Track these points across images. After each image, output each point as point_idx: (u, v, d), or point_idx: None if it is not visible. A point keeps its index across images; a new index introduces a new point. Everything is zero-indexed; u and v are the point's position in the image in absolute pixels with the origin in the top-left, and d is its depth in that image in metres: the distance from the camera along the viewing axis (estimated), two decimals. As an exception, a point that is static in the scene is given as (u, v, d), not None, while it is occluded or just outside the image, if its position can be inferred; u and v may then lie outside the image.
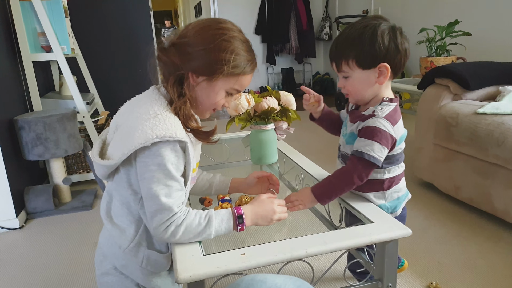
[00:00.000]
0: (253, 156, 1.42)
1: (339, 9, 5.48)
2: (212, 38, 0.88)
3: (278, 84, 6.01)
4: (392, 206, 1.06)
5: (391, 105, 0.99)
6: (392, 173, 1.04)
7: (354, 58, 0.96)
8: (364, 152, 0.94)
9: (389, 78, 0.98)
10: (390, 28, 0.95)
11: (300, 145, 2.40)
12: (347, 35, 0.98)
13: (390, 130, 0.95)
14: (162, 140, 0.82)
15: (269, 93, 1.35)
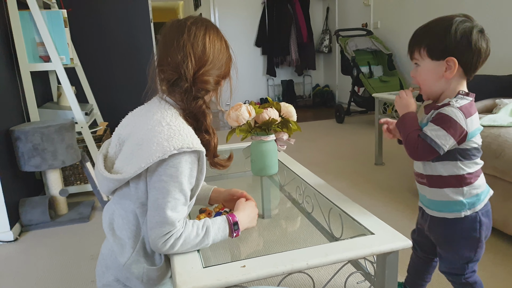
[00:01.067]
0: (254, 167, 1.41)
1: (339, 22, 5.53)
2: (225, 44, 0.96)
3: (279, 96, 6.03)
4: (470, 203, 1.03)
5: (467, 98, 0.98)
6: (470, 169, 1.01)
7: (426, 47, 0.98)
8: (428, 135, 0.95)
9: (460, 76, 0.98)
10: (468, 26, 0.95)
11: (300, 157, 2.40)
12: (426, 25, 1.00)
13: (461, 120, 0.94)
14: (179, 151, 0.82)
15: (270, 104, 1.36)
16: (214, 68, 0.95)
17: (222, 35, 0.99)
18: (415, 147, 0.98)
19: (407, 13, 4.10)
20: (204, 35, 0.93)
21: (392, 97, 2.60)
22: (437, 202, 1.06)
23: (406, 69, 4.20)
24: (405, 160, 2.86)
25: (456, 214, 1.04)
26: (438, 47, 0.96)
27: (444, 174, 1.02)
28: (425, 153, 0.98)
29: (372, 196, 2.26)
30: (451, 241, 1.08)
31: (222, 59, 0.96)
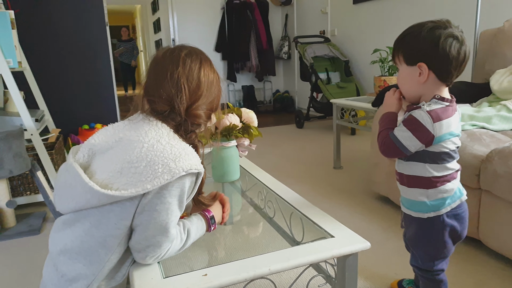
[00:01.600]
0: (215, 174, 1.41)
1: (298, 29, 5.64)
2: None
3: (239, 101, 6.04)
4: (434, 205, 1.05)
5: (441, 103, 1.00)
6: (437, 173, 1.03)
7: (402, 53, 1.03)
8: (395, 135, 1.01)
9: (436, 82, 1.00)
10: (437, 32, 0.97)
11: (261, 162, 2.41)
12: (404, 31, 1.04)
13: (427, 124, 0.97)
14: (187, 173, 0.81)
15: (230, 110, 1.36)
16: (207, 102, 0.94)
17: (215, 68, 0.99)
18: (382, 143, 1.04)
19: (362, 21, 4.25)
20: (199, 68, 0.92)
21: (348, 102, 2.67)
22: (406, 199, 1.11)
23: (363, 75, 4.35)
24: (362, 164, 2.95)
25: (419, 214, 1.08)
26: (411, 53, 1.01)
27: (412, 174, 1.06)
28: (389, 151, 1.03)
29: (331, 199, 2.31)
30: (417, 239, 1.13)
31: (214, 92, 0.96)
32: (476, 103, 2.01)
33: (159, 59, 0.92)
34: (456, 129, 1.02)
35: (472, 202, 1.56)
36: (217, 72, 0.98)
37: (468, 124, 1.72)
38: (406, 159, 1.06)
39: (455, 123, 1.01)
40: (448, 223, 1.06)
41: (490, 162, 1.45)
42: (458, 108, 1.05)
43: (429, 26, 0.98)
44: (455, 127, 1.01)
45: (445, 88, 1.03)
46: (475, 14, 2.42)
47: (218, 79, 0.98)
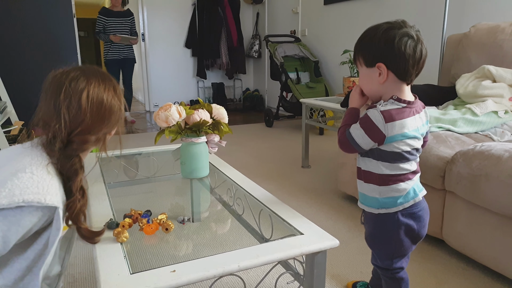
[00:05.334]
0: (184, 170, 1.38)
1: (269, 28, 5.65)
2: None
3: (209, 98, 5.99)
4: (385, 202, 1.07)
5: (397, 104, 1.01)
6: (390, 171, 1.05)
7: (361, 56, 1.05)
8: (350, 132, 1.04)
9: (395, 80, 1.01)
10: (392, 33, 0.98)
11: (230, 159, 2.39)
12: (363, 35, 1.05)
13: (379, 124, 0.99)
14: (27, 205, 0.76)
15: (201, 105, 1.34)
16: (94, 125, 0.90)
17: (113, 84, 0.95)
18: (339, 139, 1.08)
19: (333, 22, 4.31)
20: (82, 91, 0.88)
21: (318, 102, 2.70)
22: (361, 194, 1.14)
23: (332, 76, 4.41)
24: (330, 163, 2.99)
25: (371, 209, 1.10)
26: (369, 55, 1.03)
27: (366, 169, 1.09)
28: (344, 147, 1.07)
29: (299, 198, 2.33)
30: (373, 237, 1.15)
31: (105, 113, 0.92)
32: (442, 106, 2.08)
33: (46, 85, 0.91)
34: (413, 131, 1.02)
35: (437, 203, 1.61)
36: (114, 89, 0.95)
37: (434, 126, 1.77)
38: (362, 155, 1.10)
39: (412, 124, 1.01)
40: (403, 222, 1.07)
41: (454, 164, 1.50)
42: (423, 110, 1.07)
43: (384, 27, 1.00)
44: (411, 129, 1.01)
45: (405, 87, 1.04)
46: (443, 18, 2.50)
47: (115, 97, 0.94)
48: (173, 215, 1.18)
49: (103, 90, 0.91)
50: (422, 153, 1.66)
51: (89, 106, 0.88)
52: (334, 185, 2.50)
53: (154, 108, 5.83)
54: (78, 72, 0.91)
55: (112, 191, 1.31)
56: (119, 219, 1.08)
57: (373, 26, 1.04)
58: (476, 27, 2.24)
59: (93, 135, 0.91)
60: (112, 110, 0.93)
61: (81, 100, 0.87)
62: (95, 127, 0.91)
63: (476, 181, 1.40)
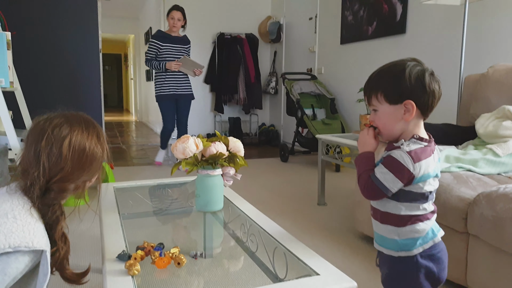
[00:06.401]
0: (198, 203, 1.37)
1: (285, 66, 5.76)
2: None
3: (225, 132, 6.05)
4: (405, 244, 1.02)
5: (420, 143, 1.00)
6: (410, 211, 1.02)
7: (383, 92, 1.01)
8: (377, 178, 0.98)
9: (418, 117, 1.01)
10: (420, 69, 0.99)
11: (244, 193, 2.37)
12: (380, 71, 1.03)
13: (408, 164, 0.96)
14: (14, 250, 0.75)
15: (217, 138, 1.34)
16: (73, 173, 0.89)
17: (97, 131, 0.95)
18: (364, 187, 1.02)
19: (349, 61, 4.36)
20: (64, 139, 0.88)
21: (334, 139, 2.69)
22: (379, 235, 1.09)
23: (348, 113, 4.41)
24: (346, 201, 2.93)
25: (391, 251, 1.05)
26: (395, 92, 1.00)
27: (384, 210, 1.04)
28: (372, 194, 1.01)
29: (314, 236, 2.27)
30: (391, 279, 1.09)
31: (86, 161, 0.91)
32: (462, 146, 2.04)
33: (30, 131, 0.92)
34: (434, 170, 1.01)
35: (460, 247, 1.55)
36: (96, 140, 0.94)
37: (454, 166, 1.73)
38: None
39: (433, 164, 1.00)
40: (423, 264, 1.03)
41: (477, 206, 1.44)
42: (437, 149, 1.05)
43: (410, 64, 1.00)
44: (432, 168, 1.00)
45: (422, 123, 1.04)
46: (460, 59, 2.51)
47: (96, 147, 0.93)
48: (185, 249, 1.16)
49: (86, 138, 0.91)
50: (442, 193, 1.62)
51: (71, 154, 0.87)
52: (351, 224, 2.43)
53: (171, 141, 5.90)
54: (62, 119, 0.91)
55: (126, 222, 1.30)
56: (131, 250, 1.06)
57: (394, 63, 1.03)
58: (494, 67, 2.23)
59: (72, 183, 0.90)
60: (94, 158, 0.92)
61: (62, 147, 0.86)
62: (75, 175, 0.89)
63: (501, 225, 1.34)
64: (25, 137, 0.91)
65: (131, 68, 11.82)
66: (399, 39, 3.57)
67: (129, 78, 12.37)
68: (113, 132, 7.61)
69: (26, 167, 0.87)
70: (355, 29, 4.16)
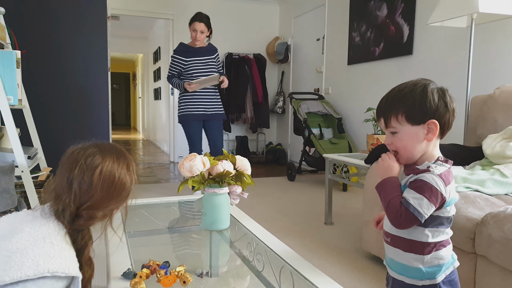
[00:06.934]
0: (205, 221, 1.37)
1: (293, 85, 5.81)
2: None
3: (233, 151, 6.07)
4: (430, 272, 0.99)
5: (445, 165, 0.97)
6: (436, 238, 0.99)
7: (404, 113, 0.97)
8: (411, 204, 0.93)
9: (437, 137, 0.99)
10: (440, 88, 0.99)
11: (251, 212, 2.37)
12: (398, 91, 1.00)
13: (442, 188, 0.93)
14: (52, 275, 0.77)
15: (225, 156, 1.35)
16: (102, 201, 0.93)
17: (127, 161, 0.99)
18: (398, 216, 0.95)
19: (356, 81, 4.39)
20: (95, 168, 0.92)
21: (341, 158, 2.69)
22: (398, 263, 1.03)
23: (355, 133, 4.42)
24: (354, 221, 2.91)
25: (414, 281, 1.01)
26: (418, 112, 0.97)
27: (408, 237, 1.00)
28: (408, 221, 0.95)
29: (321, 255, 2.25)
30: None
31: (115, 190, 0.95)
32: (469, 166, 2.03)
33: (64, 159, 0.95)
34: (456, 192, 0.99)
35: (468, 267, 1.52)
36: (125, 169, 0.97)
37: (462, 186, 1.72)
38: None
39: (454, 186, 0.99)
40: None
41: (485, 226, 1.43)
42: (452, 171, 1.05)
43: (429, 83, 0.99)
44: (455, 191, 0.98)
45: (438, 144, 1.02)
46: (467, 80, 2.52)
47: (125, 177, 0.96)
48: (191, 267, 1.16)
49: (116, 168, 0.94)
50: (450, 213, 1.61)
51: (101, 183, 0.91)
52: (358, 244, 2.41)
53: (178, 159, 5.93)
54: (96, 149, 0.95)
55: (132, 240, 1.31)
56: (137, 269, 1.06)
57: (414, 82, 1.01)
58: (500, 89, 2.24)
59: (100, 210, 0.93)
60: (123, 187, 0.96)
61: (93, 176, 0.90)
62: (104, 203, 0.93)
63: (509, 245, 1.32)
64: (59, 164, 0.95)
65: (139, 87, 11.99)
66: (406, 60, 3.60)
67: (137, 97, 12.53)
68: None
69: (59, 193, 0.90)
70: (362, 50, 4.21)
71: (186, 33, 5.80)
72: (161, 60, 7.66)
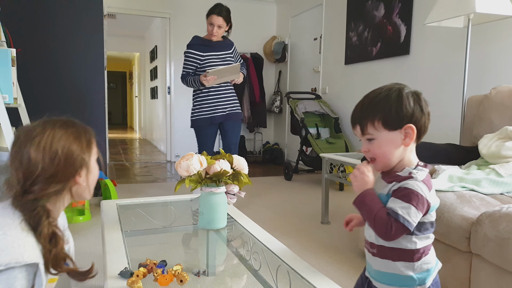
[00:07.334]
0: (202, 220, 1.37)
1: (290, 85, 5.81)
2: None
3: (228, 151, 6.07)
4: (421, 278, 0.98)
5: (425, 170, 0.97)
6: (423, 243, 0.98)
7: (381, 119, 0.96)
8: (400, 214, 0.90)
9: (414, 141, 0.98)
10: (414, 91, 0.98)
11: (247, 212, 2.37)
12: (373, 97, 0.99)
13: (427, 194, 0.92)
14: (6, 267, 0.76)
15: (222, 156, 1.35)
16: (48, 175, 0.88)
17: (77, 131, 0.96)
18: (388, 229, 0.91)
19: (353, 81, 4.40)
20: (32, 141, 0.88)
21: (338, 158, 2.69)
22: (387, 274, 1.01)
23: (351, 132, 4.42)
24: (349, 220, 2.91)
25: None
26: (395, 117, 0.96)
27: (396, 247, 0.98)
28: (398, 233, 0.91)
29: (318, 255, 2.25)
30: None
31: (60, 163, 0.89)
32: (465, 166, 2.04)
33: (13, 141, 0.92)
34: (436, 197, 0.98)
35: (463, 266, 1.53)
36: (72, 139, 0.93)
37: (458, 186, 1.73)
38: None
39: (434, 191, 0.98)
40: None
41: (480, 225, 1.44)
42: None
43: (406, 88, 0.98)
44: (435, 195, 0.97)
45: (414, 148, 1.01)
46: (463, 80, 2.53)
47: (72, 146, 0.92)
48: (188, 266, 1.16)
49: (58, 138, 0.90)
50: (446, 213, 1.62)
51: (41, 156, 0.86)
52: (354, 243, 2.41)
53: (175, 158, 5.92)
54: (38, 123, 0.91)
55: (128, 239, 1.30)
56: (134, 268, 1.06)
57: (388, 87, 0.99)
58: (496, 89, 2.25)
59: (49, 185, 0.88)
60: (70, 159, 0.91)
61: (31, 149, 0.86)
62: (51, 177, 0.88)
63: (504, 244, 1.33)
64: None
65: (136, 86, 11.96)
66: (403, 60, 3.61)
67: (134, 96, 12.50)
68: (116, 149, 7.64)
69: (10, 178, 0.87)
70: (360, 50, 4.22)
71: (183, 32, 5.82)
72: (157, 59, 7.64)
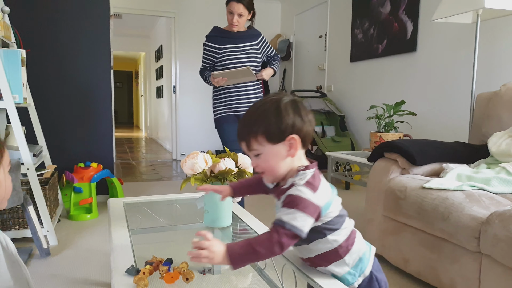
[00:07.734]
0: (207, 218, 1.37)
1: (295, 83, 5.80)
2: None
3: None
4: (358, 267, 0.99)
5: (307, 172, 0.95)
6: (342, 237, 0.98)
7: (263, 134, 0.94)
8: (285, 221, 0.88)
9: (300, 150, 0.97)
10: (292, 101, 0.96)
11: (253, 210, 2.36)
12: (252, 113, 0.97)
13: (311, 197, 0.90)
14: None
15: (227, 154, 1.35)
16: None
17: None
18: (277, 243, 0.87)
19: (359, 78, 4.38)
20: None
21: (344, 156, 2.68)
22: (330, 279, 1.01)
23: (357, 131, 4.41)
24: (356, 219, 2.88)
25: (350, 287, 1.00)
26: (276, 131, 0.94)
27: (320, 253, 0.98)
28: (289, 240, 0.88)
29: (324, 254, 2.24)
30: None
31: None
32: (474, 164, 2.01)
33: None
34: (330, 188, 0.97)
35: (472, 267, 1.51)
36: None
37: (467, 185, 1.71)
38: (306, 242, 0.98)
39: (326, 183, 0.97)
40: (379, 278, 1.02)
41: (490, 225, 1.42)
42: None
43: (283, 98, 0.96)
44: (329, 189, 0.97)
45: (303, 154, 0.99)
46: (472, 77, 2.50)
47: None
48: (194, 264, 1.15)
49: None
50: (454, 212, 1.60)
51: None
52: (360, 242, 2.40)
53: (180, 157, 5.94)
54: None
55: (135, 237, 1.30)
56: (140, 265, 1.06)
57: (263, 102, 0.97)
58: (506, 86, 2.22)
59: None
60: None
61: None
62: None
63: (514, 244, 1.31)
64: None
65: (142, 85, 12.01)
66: (410, 57, 3.58)
67: (140, 95, 12.55)
68: (123, 148, 7.68)
69: None
70: (365, 47, 4.19)
71: (188, 31, 5.83)
72: (163, 58, 7.66)
